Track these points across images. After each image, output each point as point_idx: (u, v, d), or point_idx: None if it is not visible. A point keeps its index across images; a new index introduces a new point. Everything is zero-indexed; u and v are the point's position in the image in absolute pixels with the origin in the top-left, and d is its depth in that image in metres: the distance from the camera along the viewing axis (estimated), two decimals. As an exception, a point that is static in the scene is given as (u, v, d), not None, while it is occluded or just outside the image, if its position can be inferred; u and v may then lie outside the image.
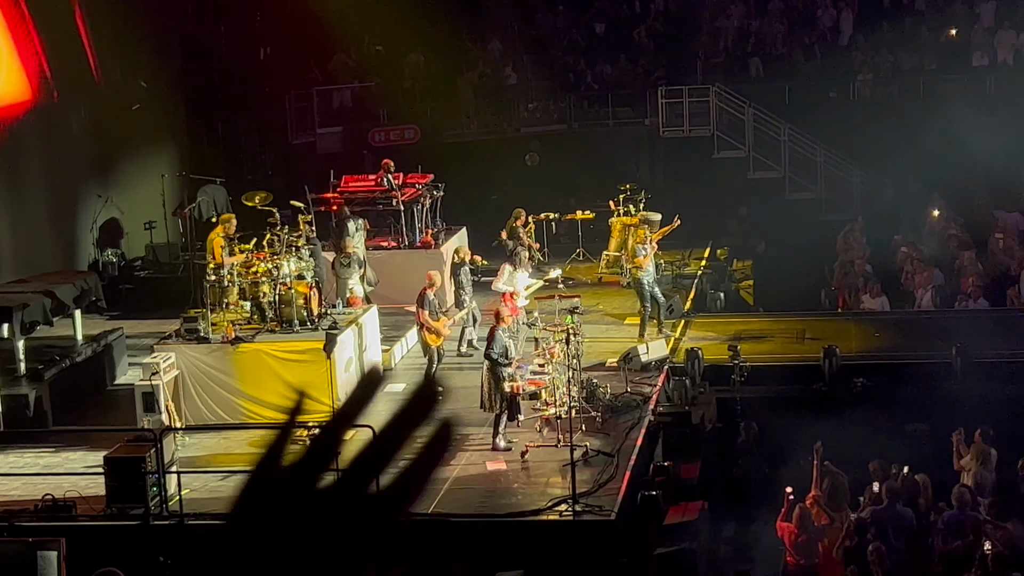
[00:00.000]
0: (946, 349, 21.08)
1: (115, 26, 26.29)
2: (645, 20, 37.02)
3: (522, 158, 33.86)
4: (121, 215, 27.46)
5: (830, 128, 32.46)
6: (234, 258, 20.34)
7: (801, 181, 32.65)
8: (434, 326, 20.02)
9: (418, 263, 24.55)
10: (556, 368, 18.25)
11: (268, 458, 1.91)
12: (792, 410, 19.69)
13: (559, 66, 36.08)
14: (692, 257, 28.37)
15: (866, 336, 23.13)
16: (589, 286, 26.24)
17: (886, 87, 34.23)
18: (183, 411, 18.90)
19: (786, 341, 23.12)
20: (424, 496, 1.95)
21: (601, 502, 16.05)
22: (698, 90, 33.74)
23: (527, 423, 18.44)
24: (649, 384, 20.31)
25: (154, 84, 28.32)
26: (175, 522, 16.08)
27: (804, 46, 35.25)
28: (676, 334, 23.15)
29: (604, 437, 18.15)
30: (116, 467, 16.17)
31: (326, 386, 18.75)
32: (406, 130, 33.57)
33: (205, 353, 19.21)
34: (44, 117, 25.03)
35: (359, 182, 25.27)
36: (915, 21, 35.14)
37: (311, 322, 19.58)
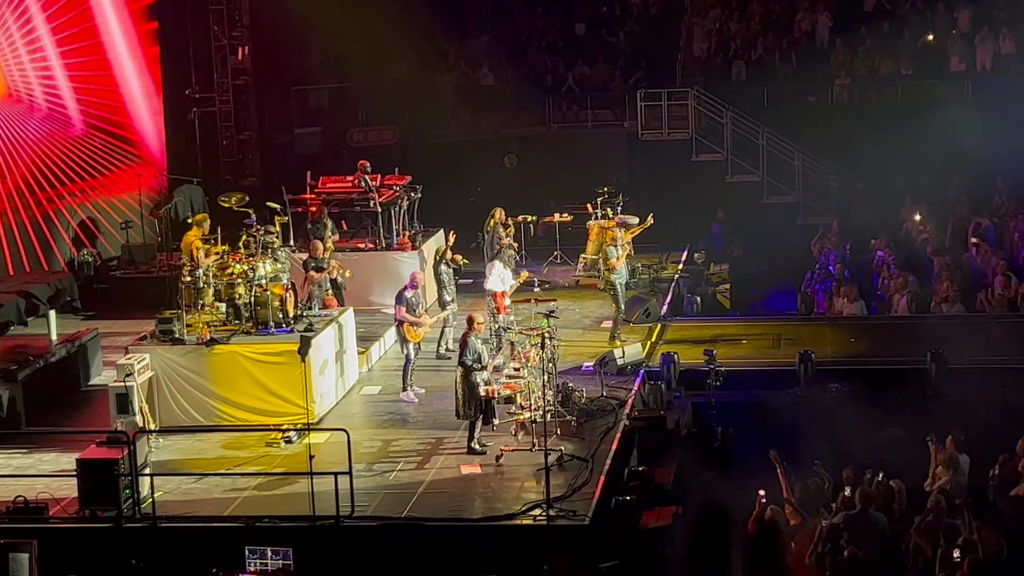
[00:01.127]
0: (921, 354, 21.13)
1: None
2: (625, 22, 37.01)
3: (501, 159, 33.86)
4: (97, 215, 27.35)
5: (808, 132, 32.54)
6: (208, 259, 20.27)
7: (779, 185, 32.71)
8: (412, 320, 20.02)
9: (395, 265, 24.59)
10: (531, 372, 18.23)
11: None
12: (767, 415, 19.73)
13: (538, 67, 36.06)
14: (669, 260, 28.40)
15: (842, 341, 23.18)
16: (566, 289, 26.25)
17: (864, 91, 34.31)
18: (157, 413, 18.83)
19: (762, 346, 23.15)
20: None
21: (575, 507, 16.04)
22: (677, 93, 33.79)
23: (502, 427, 18.44)
24: (625, 388, 20.32)
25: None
26: (148, 524, 16.03)
27: (782, 50, 35.29)
28: (652, 338, 23.18)
29: (579, 441, 18.15)
30: (89, 469, 16.12)
31: (301, 388, 18.71)
32: (384, 131, 33.54)
33: (180, 354, 19.14)
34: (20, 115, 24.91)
35: (337, 183, 25.21)
36: (893, 26, 35.20)
37: (287, 324, 19.52)
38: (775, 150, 32.61)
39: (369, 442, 18.43)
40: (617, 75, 35.64)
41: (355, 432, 17.12)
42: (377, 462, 17.74)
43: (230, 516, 16.18)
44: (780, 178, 32.69)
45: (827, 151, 32.31)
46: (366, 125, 33.86)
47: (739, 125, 32.83)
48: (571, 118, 34.93)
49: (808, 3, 36.15)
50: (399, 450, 18.26)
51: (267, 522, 15.93)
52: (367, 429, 19.05)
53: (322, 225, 23.66)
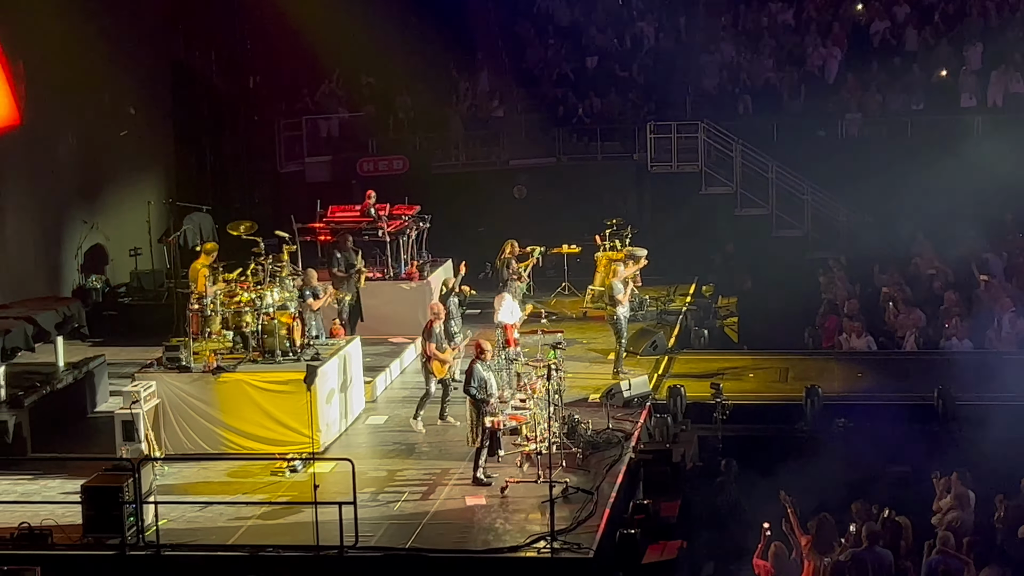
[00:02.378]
0: (929, 391, 21.09)
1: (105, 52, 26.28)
2: (636, 55, 37.10)
3: (510, 191, 33.91)
4: (106, 241, 27.42)
5: (818, 166, 32.57)
6: (216, 287, 20.29)
7: (788, 219, 32.71)
8: (441, 357, 19.98)
9: (403, 295, 24.61)
10: (537, 403, 18.21)
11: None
12: (774, 449, 19.69)
13: (548, 99, 36.15)
14: (677, 293, 28.38)
15: (849, 376, 23.13)
16: (573, 321, 26.24)
17: (874, 126, 34.32)
18: (163, 440, 18.83)
19: (769, 380, 23.11)
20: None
21: (580, 539, 15.97)
22: (687, 126, 33.83)
23: (508, 458, 18.41)
24: (631, 421, 20.28)
25: (143, 111, 28.31)
26: (151, 552, 16.00)
27: (792, 84, 35.34)
28: (659, 371, 23.15)
29: (584, 474, 18.10)
30: (93, 496, 16.09)
31: (306, 417, 18.70)
32: (395, 160, 33.60)
33: (186, 382, 19.15)
34: (31, 142, 24.98)
35: (346, 212, 25.25)
36: (904, 61, 35.26)
37: (293, 353, 19.52)
38: (784, 184, 32.63)
39: (374, 472, 18.39)
40: (627, 107, 35.70)
41: (360, 462, 17.08)
42: (382, 492, 17.71)
43: (234, 545, 16.15)
44: (789, 212, 32.70)
45: (836, 185, 32.29)
46: (376, 155, 33.94)
47: (748, 158, 32.86)
48: (581, 150, 34.97)
49: (819, 37, 36.24)
50: (404, 480, 18.22)
51: (271, 551, 15.90)
52: (372, 459, 19.03)
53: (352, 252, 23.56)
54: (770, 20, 37.31)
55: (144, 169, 29.05)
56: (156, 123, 29.37)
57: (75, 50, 25.31)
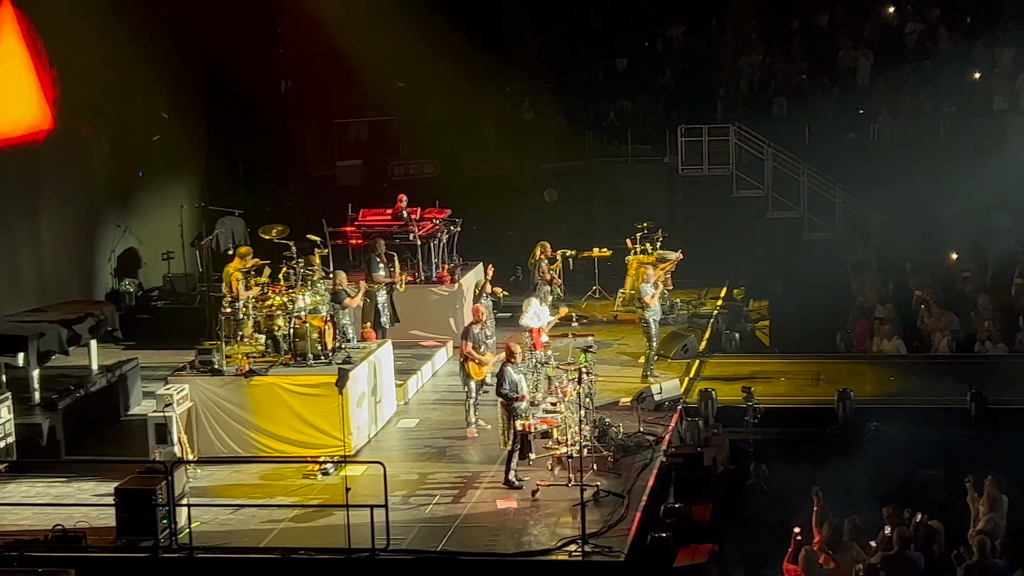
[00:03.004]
0: (961, 394, 21.01)
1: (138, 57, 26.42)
2: (667, 58, 37.07)
3: (540, 194, 33.93)
4: (139, 245, 27.58)
5: (849, 169, 32.48)
6: (249, 291, 20.38)
7: (819, 221, 32.64)
8: (480, 358, 19.98)
9: (434, 298, 24.67)
10: (568, 407, 18.21)
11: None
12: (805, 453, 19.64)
13: (579, 102, 36.15)
14: (708, 296, 28.35)
15: (881, 380, 23.06)
16: (604, 324, 26.24)
17: (906, 129, 34.19)
18: (195, 443, 18.91)
19: (801, 383, 23.05)
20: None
21: (611, 543, 15.96)
22: (718, 129, 33.81)
23: (539, 461, 18.42)
24: (662, 424, 20.27)
25: (175, 115, 28.45)
26: (184, 555, 16.05)
27: (824, 86, 35.25)
28: (690, 374, 23.13)
29: (615, 477, 18.09)
30: (127, 499, 16.15)
31: (338, 420, 18.76)
32: (425, 164, 33.69)
33: (219, 385, 19.22)
34: (64, 146, 25.14)
35: (377, 216, 25.33)
36: (936, 63, 35.13)
37: (325, 356, 19.58)
38: (816, 186, 32.56)
39: (405, 475, 18.42)
40: (658, 110, 35.68)
41: (392, 465, 17.13)
42: (413, 495, 17.74)
43: (266, 547, 16.20)
44: (820, 215, 32.63)
45: (868, 188, 32.22)
46: (407, 158, 34.03)
47: (780, 161, 32.81)
48: (611, 153, 34.99)
49: (850, 40, 36.13)
50: (435, 483, 18.25)
51: (303, 554, 15.93)
52: (404, 462, 19.06)
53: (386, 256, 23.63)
54: (801, 23, 37.21)
55: (176, 173, 29.19)
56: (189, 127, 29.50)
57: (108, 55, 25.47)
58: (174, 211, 27.82)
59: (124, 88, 26.61)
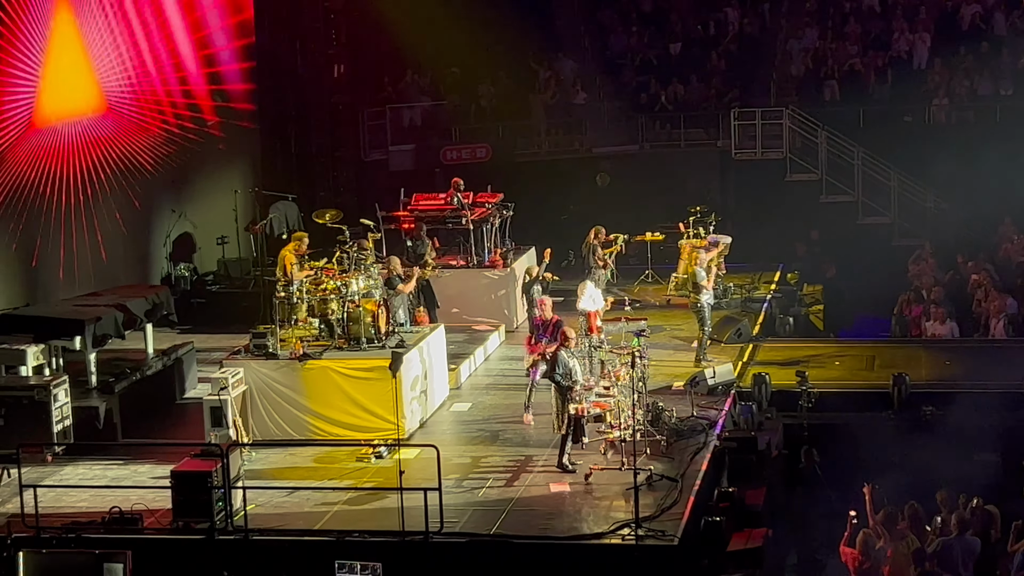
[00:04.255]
0: (1017, 379, 20.82)
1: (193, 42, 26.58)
2: (719, 42, 36.90)
3: (593, 178, 33.88)
4: (194, 230, 27.76)
5: (904, 152, 32.22)
6: (302, 273, 20.47)
7: (874, 205, 32.41)
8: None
9: (486, 282, 24.71)
10: (621, 391, 18.20)
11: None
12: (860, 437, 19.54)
13: (631, 86, 36.04)
14: (762, 281, 28.23)
15: (937, 364, 22.89)
16: (657, 308, 26.18)
17: (962, 112, 33.87)
18: (250, 426, 19.03)
19: (855, 367, 22.93)
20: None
21: (664, 527, 15.93)
22: (771, 112, 33.61)
23: (592, 445, 18.41)
24: (715, 408, 20.21)
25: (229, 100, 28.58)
26: (240, 537, 16.16)
27: (879, 69, 34.96)
28: (744, 359, 23.05)
29: (668, 461, 18.06)
30: (183, 481, 16.29)
31: (391, 404, 18.83)
32: (478, 148, 33.69)
33: (273, 369, 19.34)
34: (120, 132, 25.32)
35: (429, 200, 25.36)
36: (993, 46, 34.75)
37: (378, 340, 19.65)
38: (870, 170, 32.32)
39: (459, 458, 18.48)
40: (711, 94, 35.52)
41: (445, 448, 17.18)
42: (466, 478, 17.78)
43: (321, 530, 16.29)
44: (875, 199, 32.39)
45: (923, 172, 31.93)
46: (459, 143, 34.04)
47: (834, 145, 32.58)
48: (664, 137, 34.83)
49: (906, 22, 35.80)
50: (488, 467, 18.29)
51: (357, 536, 16.01)
52: (456, 446, 19.12)
53: (422, 242, 23.76)
54: (855, 5, 36.90)
55: (230, 158, 29.34)
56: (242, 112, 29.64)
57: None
58: (228, 196, 27.98)
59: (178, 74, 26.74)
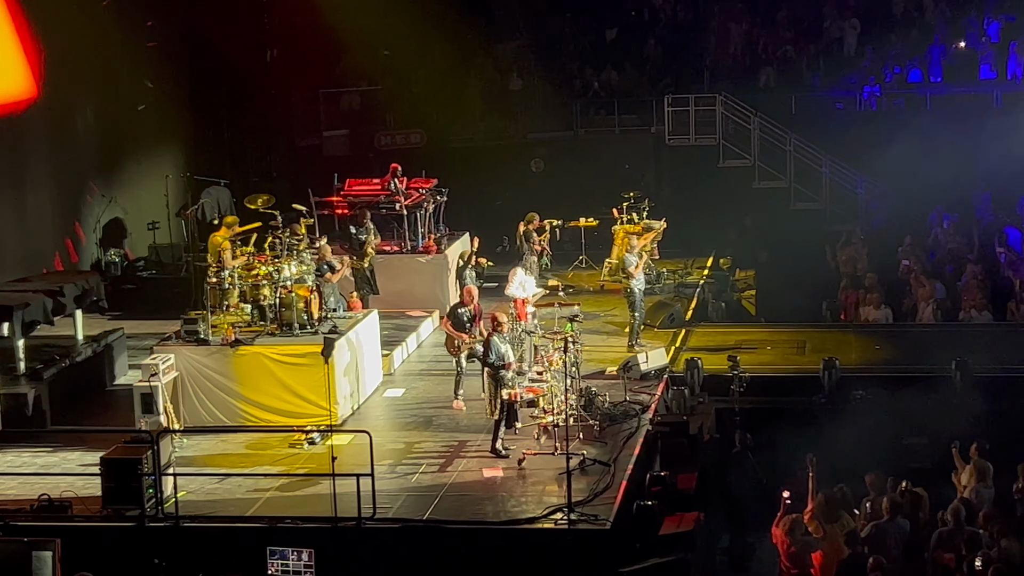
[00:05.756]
0: (946, 363, 21.05)
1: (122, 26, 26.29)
2: (654, 28, 36.98)
3: (527, 164, 33.88)
4: (125, 215, 27.50)
5: (836, 139, 32.45)
6: (236, 261, 20.33)
7: (806, 191, 32.62)
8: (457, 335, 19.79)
9: (420, 268, 24.65)
10: (555, 376, 18.23)
11: None
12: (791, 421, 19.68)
13: (566, 72, 36.06)
14: (695, 266, 28.35)
15: (867, 348, 23.10)
16: (591, 294, 26.24)
17: (892, 99, 34.16)
18: (181, 413, 18.90)
19: (786, 352, 23.09)
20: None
21: (597, 511, 15.99)
22: (705, 99, 33.75)
23: (525, 430, 18.43)
24: (648, 393, 20.30)
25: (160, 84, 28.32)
26: (170, 524, 16.06)
27: (810, 56, 35.19)
28: (676, 344, 23.15)
29: (601, 446, 18.13)
30: (113, 468, 16.15)
31: (324, 390, 18.76)
32: (412, 134, 33.60)
33: (205, 355, 19.21)
34: (49, 115, 25.03)
35: (363, 186, 25.27)
36: (923, 33, 35.07)
37: (311, 326, 19.56)
38: (802, 157, 32.54)
39: (392, 444, 18.45)
40: (645, 80, 35.61)
41: (378, 434, 17.14)
42: (399, 464, 17.76)
43: (252, 516, 16.21)
44: (807, 185, 32.61)
45: (854, 158, 32.20)
46: (393, 128, 33.94)
47: (766, 131, 32.77)
48: (599, 123, 34.91)
49: (836, 10, 36.05)
50: (421, 452, 18.27)
51: (289, 523, 15.95)
52: (390, 431, 19.08)
53: (365, 229, 23.63)
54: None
55: (162, 143, 29.08)
56: (174, 97, 29.38)
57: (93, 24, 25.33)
58: (159, 181, 27.73)
59: (109, 58, 26.45)
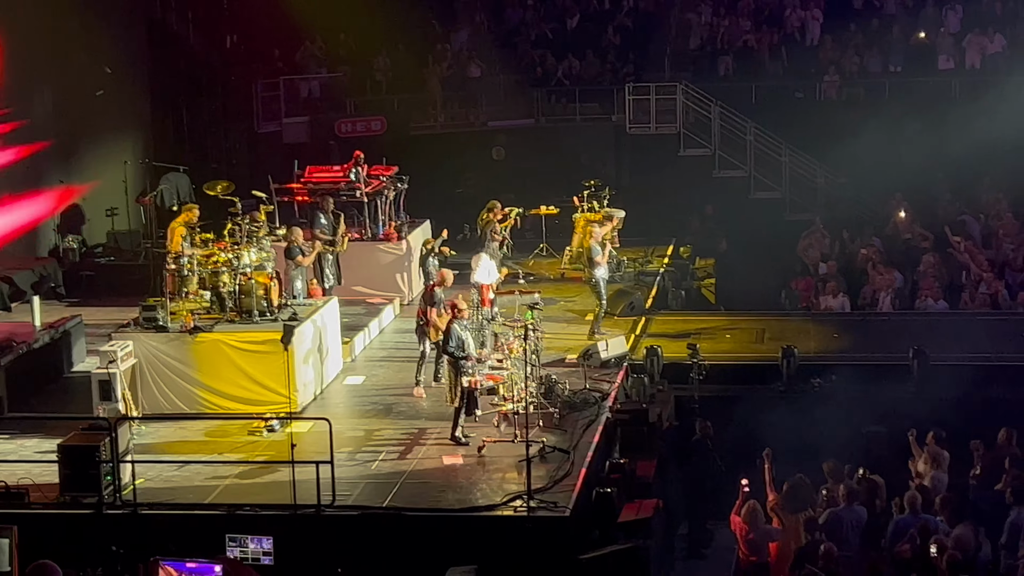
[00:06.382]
0: (904, 351, 21.18)
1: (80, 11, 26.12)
2: (614, 16, 36.99)
3: (488, 152, 33.86)
4: (83, 201, 27.31)
5: (796, 128, 32.54)
6: (195, 248, 20.25)
7: (766, 181, 32.72)
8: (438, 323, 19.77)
9: (381, 256, 24.61)
10: (515, 363, 18.24)
11: None
12: (750, 409, 19.78)
13: (527, 60, 36.05)
14: (655, 254, 28.41)
15: (825, 337, 23.22)
16: (551, 281, 26.25)
17: (852, 88, 34.31)
18: (140, 400, 18.81)
19: (746, 340, 23.19)
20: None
21: (556, 498, 16.03)
22: (665, 87, 33.77)
23: (485, 418, 18.45)
24: (608, 381, 20.34)
25: (119, 70, 28.15)
26: (128, 511, 16.02)
27: (771, 45, 35.29)
28: (636, 332, 23.20)
29: (561, 433, 18.16)
30: (70, 455, 16.07)
31: (284, 377, 18.71)
32: (372, 121, 33.51)
33: (163, 342, 19.12)
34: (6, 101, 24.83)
35: (323, 173, 25.19)
36: (883, 23, 35.24)
37: (271, 313, 19.50)
38: (762, 146, 32.62)
39: (352, 432, 18.42)
40: (606, 69, 35.62)
41: (338, 422, 17.12)
42: (359, 452, 17.74)
43: (211, 504, 16.18)
44: (767, 174, 32.70)
45: (814, 147, 32.28)
46: (354, 116, 33.84)
47: (727, 120, 32.83)
48: (559, 111, 34.90)
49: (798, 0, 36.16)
50: (381, 440, 18.26)
51: (248, 510, 15.92)
52: (350, 419, 19.05)
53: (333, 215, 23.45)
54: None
55: (120, 129, 28.91)
56: (132, 83, 29.20)
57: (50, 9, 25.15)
58: (118, 167, 27.57)
59: (66, 43, 26.27)
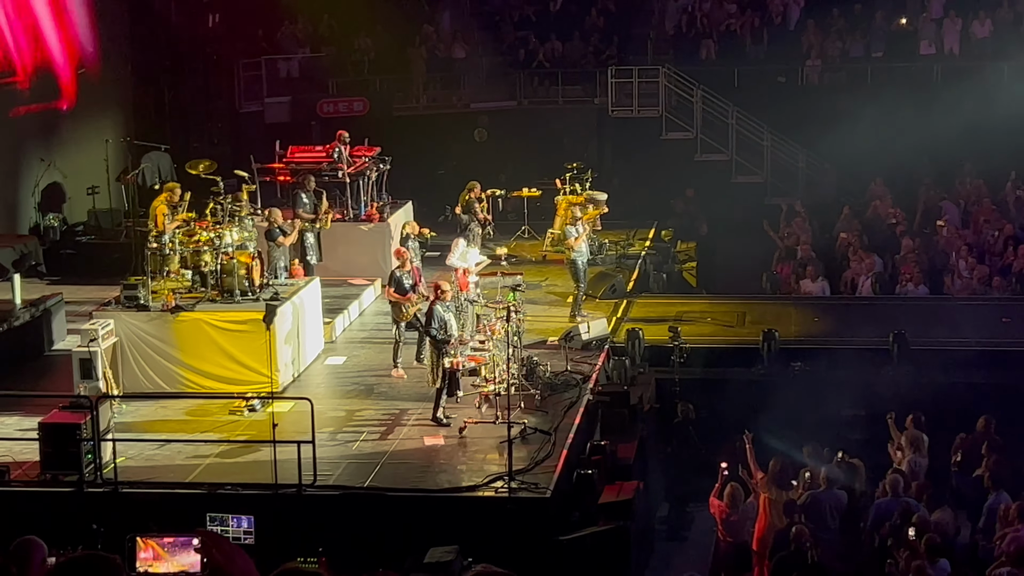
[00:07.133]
0: (884, 335, 21.27)
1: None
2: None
3: (471, 133, 33.83)
4: (64, 179, 27.22)
5: (777, 112, 32.58)
6: (174, 224, 20.20)
7: (747, 164, 32.75)
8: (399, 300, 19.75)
9: (363, 236, 24.59)
10: (496, 345, 18.27)
11: None
12: (730, 393, 19.85)
13: (510, 42, 36.00)
14: (636, 237, 28.45)
15: (806, 320, 23.31)
16: (533, 264, 26.26)
17: (834, 73, 34.36)
18: (120, 378, 18.77)
19: (727, 323, 23.25)
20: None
21: (537, 479, 16.11)
22: (648, 71, 33.76)
23: (466, 399, 18.49)
24: (589, 363, 20.38)
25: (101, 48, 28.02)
26: (109, 490, 16.02)
27: (754, 29, 35.31)
28: (618, 314, 23.25)
29: (542, 415, 18.20)
30: (51, 433, 16.07)
31: (265, 357, 18.70)
32: (355, 102, 33.42)
33: (144, 321, 19.09)
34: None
35: (305, 153, 25.15)
36: (865, 8, 35.27)
37: (252, 292, 19.48)
38: (744, 130, 32.65)
39: (333, 412, 18.43)
40: (589, 51, 35.60)
41: (319, 402, 17.14)
42: (340, 432, 17.76)
43: (192, 483, 16.19)
44: (749, 158, 32.74)
45: (796, 132, 32.33)
46: (336, 96, 33.75)
47: (709, 104, 32.85)
48: (542, 94, 34.88)
49: (780, -17, 36.17)
50: (363, 420, 18.28)
51: (229, 489, 15.94)
52: (331, 399, 19.06)
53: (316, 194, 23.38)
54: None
55: (102, 107, 28.80)
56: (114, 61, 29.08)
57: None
58: (99, 145, 27.47)
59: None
